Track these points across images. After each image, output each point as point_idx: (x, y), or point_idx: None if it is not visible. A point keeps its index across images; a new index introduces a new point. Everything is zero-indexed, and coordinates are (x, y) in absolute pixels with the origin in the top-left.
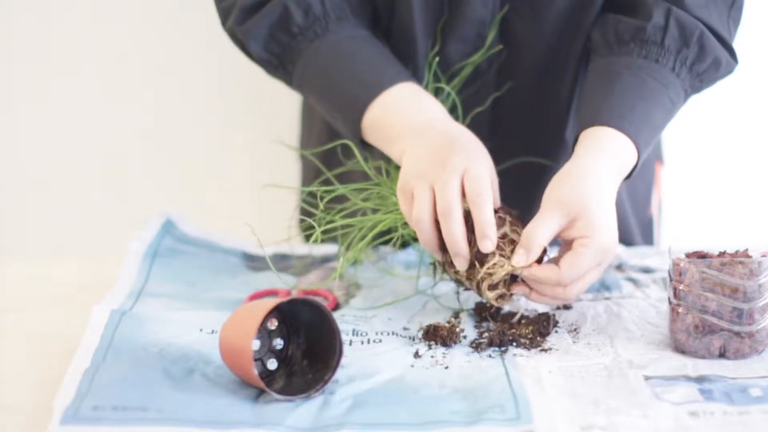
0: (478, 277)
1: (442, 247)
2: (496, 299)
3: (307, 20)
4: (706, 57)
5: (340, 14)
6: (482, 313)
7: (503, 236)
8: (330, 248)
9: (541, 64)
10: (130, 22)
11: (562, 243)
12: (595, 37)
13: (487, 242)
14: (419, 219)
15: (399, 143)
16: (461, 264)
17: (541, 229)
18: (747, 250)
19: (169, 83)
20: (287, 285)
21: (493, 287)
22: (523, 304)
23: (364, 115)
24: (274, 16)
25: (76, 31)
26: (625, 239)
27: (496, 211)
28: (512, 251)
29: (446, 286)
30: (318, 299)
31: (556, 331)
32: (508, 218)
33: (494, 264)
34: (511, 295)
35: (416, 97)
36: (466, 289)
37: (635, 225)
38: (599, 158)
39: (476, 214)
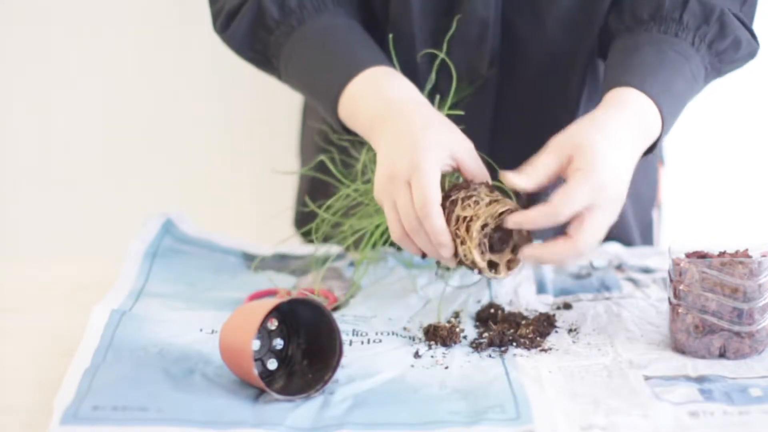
0: (459, 240)
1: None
2: (489, 267)
3: (282, 14)
4: (726, 36)
5: (318, 5)
6: (482, 317)
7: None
8: (330, 249)
9: (544, 65)
10: (130, 22)
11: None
12: (612, 25)
13: (444, 250)
14: (397, 239)
15: (369, 136)
16: (447, 252)
17: (535, 164)
18: (747, 250)
19: (169, 83)
20: (287, 285)
21: (482, 251)
22: (523, 303)
23: (339, 105)
24: (252, 15)
25: (75, 30)
26: (625, 239)
27: (465, 187)
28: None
29: (445, 289)
30: (318, 299)
31: (556, 331)
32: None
33: (469, 218)
34: (509, 265)
35: (380, 82)
36: (479, 272)
37: (635, 226)
38: (616, 113)
39: (426, 226)
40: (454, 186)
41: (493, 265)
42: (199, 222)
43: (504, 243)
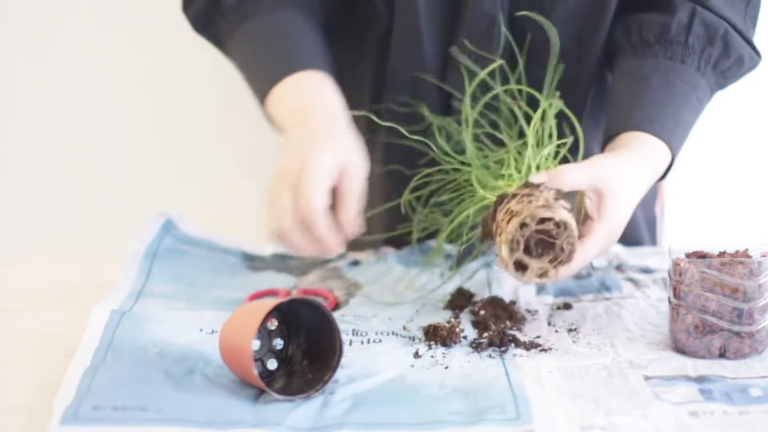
0: (499, 231)
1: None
2: (517, 268)
3: (238, 1)
4: (731, 55)
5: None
6: (455, 302)
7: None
8: None
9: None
10: (130, 22)
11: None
12: (618, 38)
13: (330, 252)
14: (273, 235)
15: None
16: (332, 254)
17: (572, 167)
18: (747, 250)
19: (169, 82)
20: (287, 285)
21: (512, 248)
22: (523, 303)
23: (266, 103)
24: None
25: (76, 30)
26: (633, 236)
27: None
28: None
29: (445, 286)
30: (318, 299)
31: (557, 331)
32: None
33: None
34: (540, 274)
35: (302, 89)
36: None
37: (643, 222)
38: (637, 158)
39: (314, 234)
40: (525, 183)
41: (522, 267)
42: (199, 222)
43: (544, 250)
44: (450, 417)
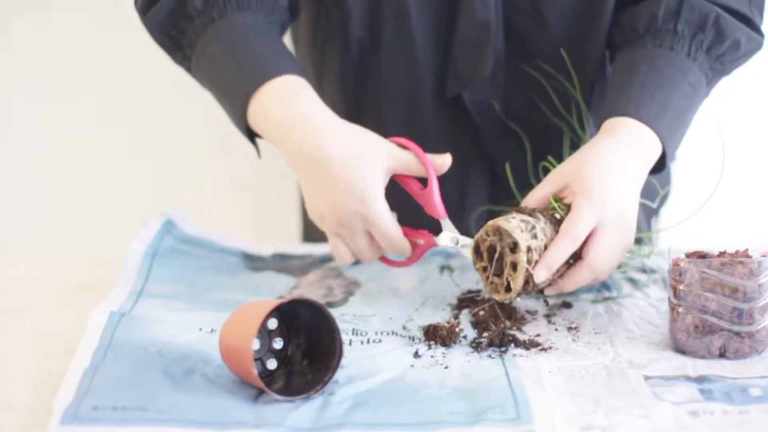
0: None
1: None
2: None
3: (205, 5)
4: (724, 39)
5: (242, 2)
6: (463, 303)
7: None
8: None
9: (550, 65)
10: (131, 22)
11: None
12: (614, 37)
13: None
14: (343, 263)
15: (279, 148)
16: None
17: (531, 194)
18: (747, 250)
19: (169, 82)
20: (287, 285)
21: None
22: (523, 303)
23: (248, 109)
24: (175, 1)
25: (76, 31)
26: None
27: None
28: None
29: (444, 285)
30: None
31: (556, 329)
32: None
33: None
34: (499, 288)
35: (288, 93)
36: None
37: (644, 221)
38: (609, 141)
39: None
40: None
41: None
42: (199, 222)
43: (500, 266)
44: (450, 417)
